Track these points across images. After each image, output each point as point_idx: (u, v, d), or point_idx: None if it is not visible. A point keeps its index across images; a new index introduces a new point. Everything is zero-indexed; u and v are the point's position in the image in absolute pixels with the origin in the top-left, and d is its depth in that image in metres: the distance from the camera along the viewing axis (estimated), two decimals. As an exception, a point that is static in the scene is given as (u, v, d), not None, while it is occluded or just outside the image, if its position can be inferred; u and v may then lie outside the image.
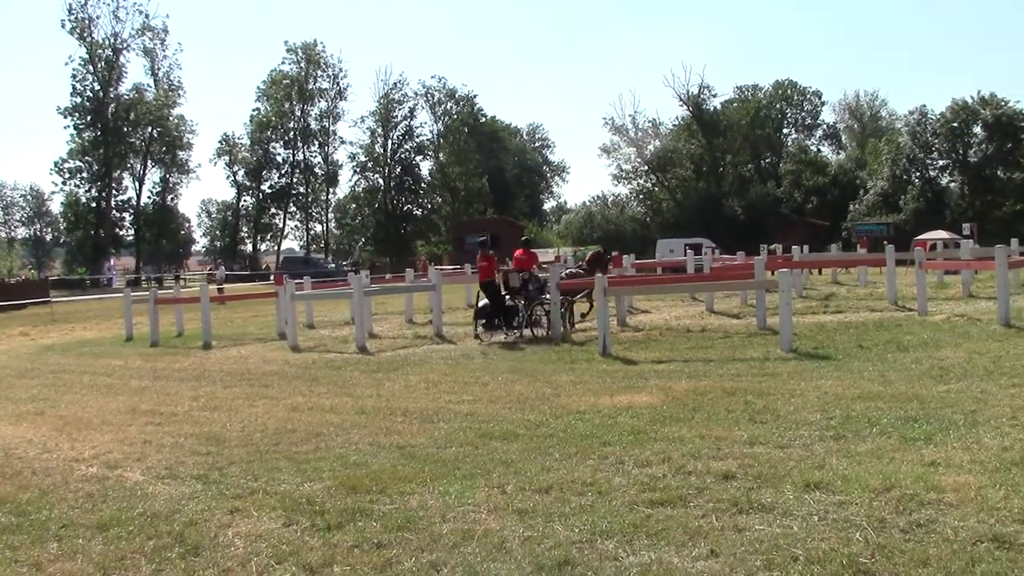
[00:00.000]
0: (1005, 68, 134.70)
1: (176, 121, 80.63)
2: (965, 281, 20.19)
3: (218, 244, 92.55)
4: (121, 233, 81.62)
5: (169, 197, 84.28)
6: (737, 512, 5.35)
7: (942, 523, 4.94)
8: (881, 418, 7.70)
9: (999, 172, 66.36)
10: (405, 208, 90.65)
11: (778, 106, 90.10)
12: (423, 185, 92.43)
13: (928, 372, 10.18)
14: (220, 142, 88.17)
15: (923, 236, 45.07)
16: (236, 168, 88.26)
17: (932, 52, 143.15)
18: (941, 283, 22.72)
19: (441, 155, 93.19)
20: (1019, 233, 39.77)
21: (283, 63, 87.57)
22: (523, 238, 22.46)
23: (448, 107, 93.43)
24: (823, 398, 8.85)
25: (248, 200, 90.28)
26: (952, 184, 70.63)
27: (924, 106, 71.82)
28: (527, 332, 16.41)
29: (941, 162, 70.90)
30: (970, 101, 68.21)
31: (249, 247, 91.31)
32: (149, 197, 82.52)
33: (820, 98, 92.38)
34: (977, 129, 68.29)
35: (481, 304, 17.15)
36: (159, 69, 79.54)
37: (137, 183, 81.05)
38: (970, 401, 8.29)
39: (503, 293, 17.14)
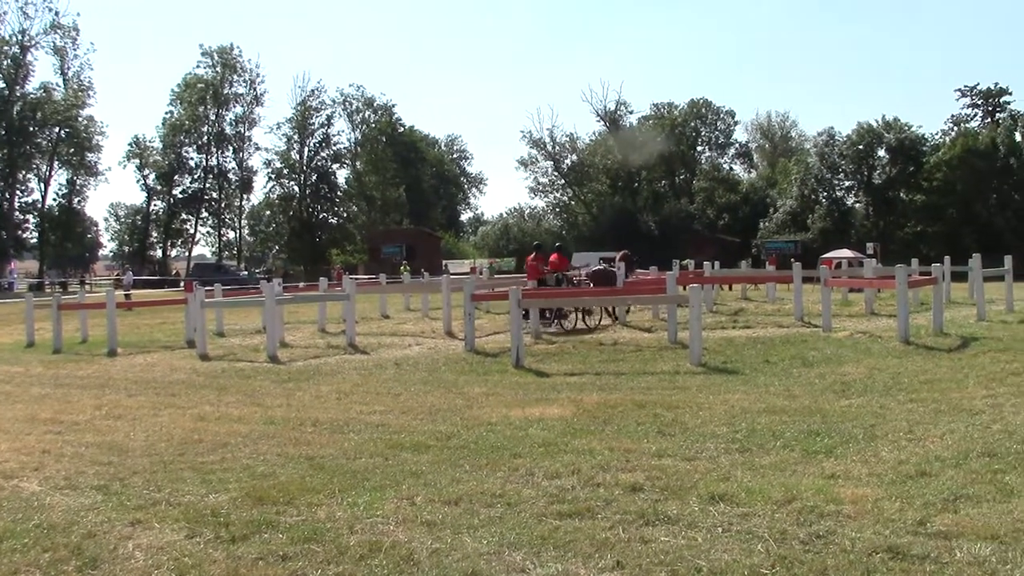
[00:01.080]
0: (908, 94, 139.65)
1: (85, 122, 78.38)
2: (868, 299, 20.80)
3: (126, 249, 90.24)
4: (24, 236, 79.03)
5: (76, 200, 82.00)
6: (644, 524, 5.42)
7: (840, 534, 5.08)
8: (785, 431, 7.89)
9: (901, 194, 68.69)
10: (320, 216, 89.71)
11: (692, 124, 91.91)
12: (339, 193, 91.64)
13: (831, 387, 10.48)
14: (131, 145, 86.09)
15: (829, 254, 46.29)
16: (147, 172, 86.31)
17: (840, 76, 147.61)
18: (845, 300, 23.37)
19: (358, 164, 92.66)
20: (920, 253, 41.25)
21: (198, 66, 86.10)
22: (556, 244, 24.98)
23: (366, 116, 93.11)
24: (730, 411, 9.03)
25: (159, 204, 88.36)
26: (857, 204, 72.92)
27: (832, 128, 74.32)
28: (567, 324, 19.36)
29: (847, 183, 73.19)
30: (875, 125, 70.61)
31: (159, 253, 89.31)
32: (55, 199, 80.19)
33: (733, 117, 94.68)
34: (881, 152, 70.67)
35: None
36: (69, 68, 77.42)
37: (43, 184, 78.64)
38: (870, 416, 8.55)
39: None
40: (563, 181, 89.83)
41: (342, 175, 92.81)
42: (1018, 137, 66.94)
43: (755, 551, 4.87)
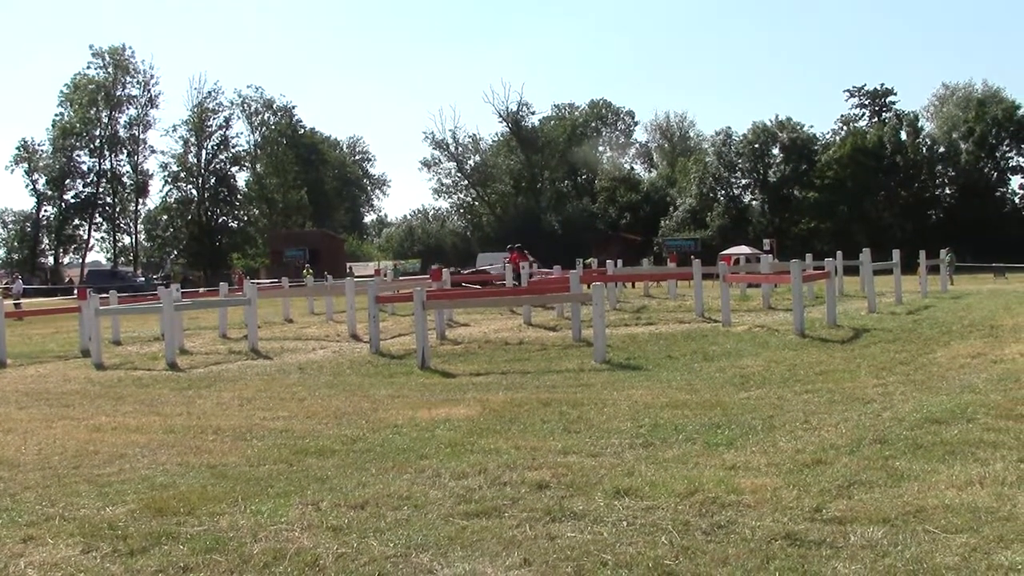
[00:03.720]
0: (800, 94, 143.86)
1: (-32, 125, 75.48)
2: (765, 294, 21.35)
3: (15, 256, 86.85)
4: (-96, 244, 75.62)
5: (-40, 206, 78.76)
6: (550, 521, 5.46)
7: (741, 524, 5.20)
8: (687, 425, 8.04)
9: (795, 192, 70.68)
10: (220, 220, 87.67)
11: (593, 124, 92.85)
12: (239, 196, 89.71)
13: (731, 380, 10.73)
14: (18, 148, 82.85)
15: (727, 251, 47.31)
16: (36, 176, 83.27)
17: (735, 77, 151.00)
18: (744, 296, 23.94)
19: (258, 166, 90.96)
20: (813, 249, 42.52)
21: (88, 67, 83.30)
22: (516, 244, 32.65)
23: (265, 117, 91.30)
24: (634, 407, 9.16)
25: (49, 210, 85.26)
26: (754, 202, 74.75)
27: (729, 128, 75.91)
28: None
29: (744, 181, 75.04)
30: (769, 124, 72.49)
31: (51, 260, 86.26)
32: (-64, 206, 76.89)
33: (633, 118, 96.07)
34: (776, 151, 72.62)
35: None
36: (-51, 69, 74.33)
37: (-77, 190, 75.39)
38: (768, 407, 8.78)
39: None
40: (467, 182, 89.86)
41: (242, 178, 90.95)
42: (903, 136, 69.48)
43: (659, 543, 4.95)
